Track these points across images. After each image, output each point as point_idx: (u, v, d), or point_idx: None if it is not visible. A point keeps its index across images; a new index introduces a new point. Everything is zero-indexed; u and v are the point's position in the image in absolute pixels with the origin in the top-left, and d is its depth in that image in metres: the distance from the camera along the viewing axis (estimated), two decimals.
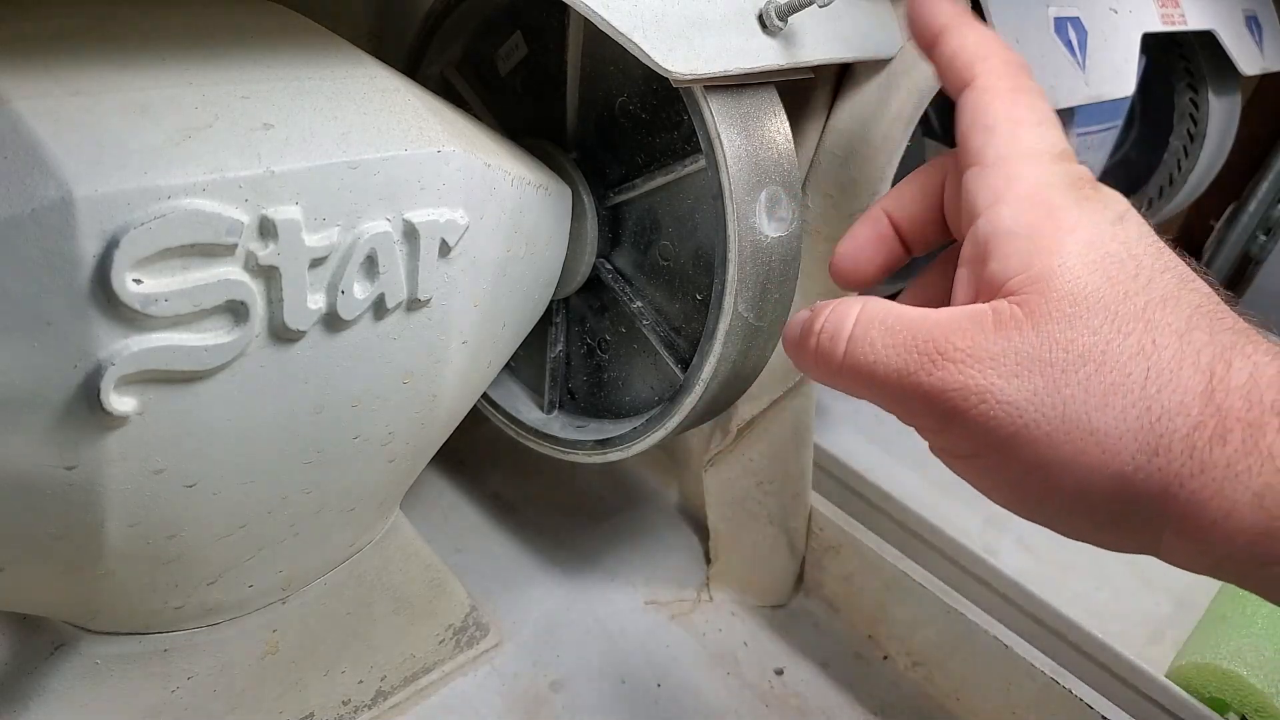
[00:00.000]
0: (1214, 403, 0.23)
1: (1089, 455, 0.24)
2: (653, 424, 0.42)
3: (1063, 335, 0.25)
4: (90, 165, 0.24)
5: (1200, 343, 0.24)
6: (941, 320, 0.27)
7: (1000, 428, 0.25)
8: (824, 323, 0.29)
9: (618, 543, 0.59)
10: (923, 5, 0.33)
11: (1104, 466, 0.24)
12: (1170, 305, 0.25)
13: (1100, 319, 0.25)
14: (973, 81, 0.31)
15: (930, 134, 0.62)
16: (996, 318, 0.26)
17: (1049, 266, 0.26)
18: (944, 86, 0.33)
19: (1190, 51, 0.79)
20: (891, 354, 0.27)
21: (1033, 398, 0.25)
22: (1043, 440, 0.25)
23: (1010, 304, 0.26)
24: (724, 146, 0.35)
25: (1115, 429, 0.24)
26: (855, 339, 0.28)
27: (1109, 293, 0.25)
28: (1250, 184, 1.03)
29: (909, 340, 0.27)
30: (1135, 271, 0.26)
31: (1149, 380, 0.24)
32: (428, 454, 0.41)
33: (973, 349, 0.26)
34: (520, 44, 0.45)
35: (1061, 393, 0.24)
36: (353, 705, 0.45)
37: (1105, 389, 0.24)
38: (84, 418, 0.26)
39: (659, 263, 0.42)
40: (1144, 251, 0.26)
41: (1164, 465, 0.23)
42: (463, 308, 0.35)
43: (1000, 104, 0.30)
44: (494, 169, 0.34)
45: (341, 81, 0.31)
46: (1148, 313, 0.25)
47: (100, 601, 0.34)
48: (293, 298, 0.29)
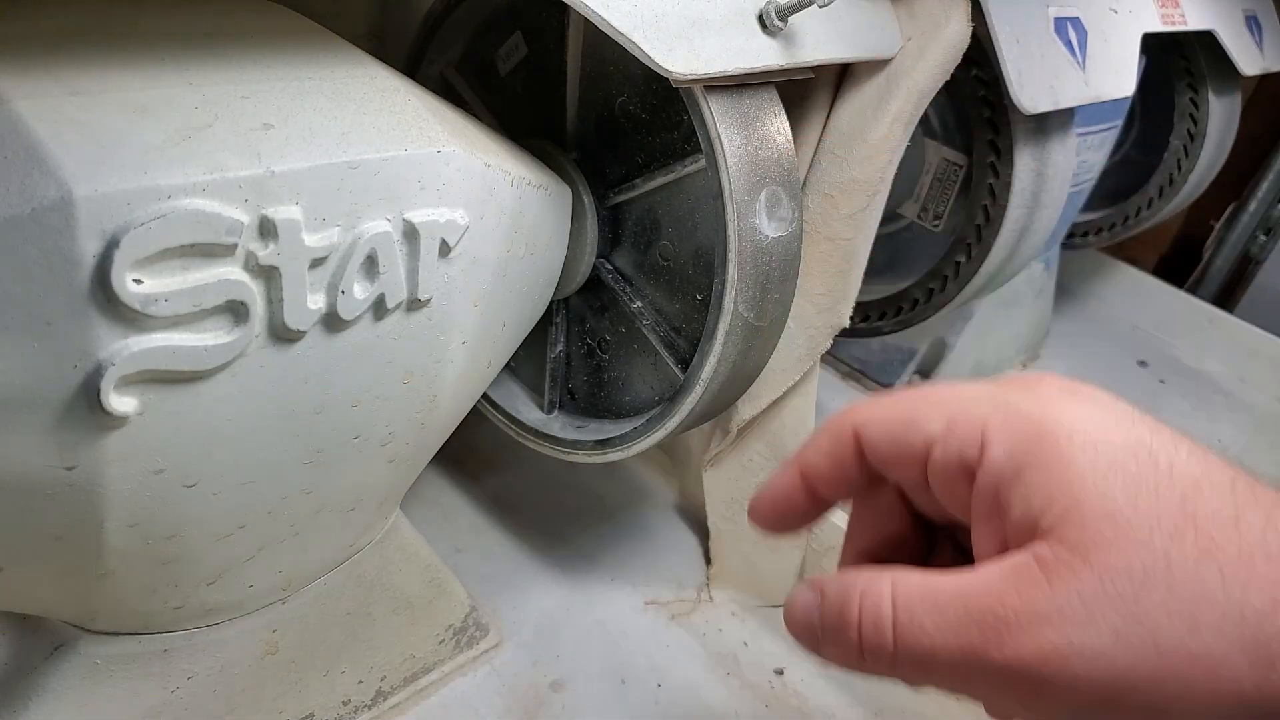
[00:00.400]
0: None
1: (1200, 685, 0.21)
2: (653, 424, 0.42)
3: (1117, 561, 0.22)
4: (90, 165, 0.24)
5: (1258, 525, 0.22)
6: (990, 583, 0.23)
7: (1098, 683, 0.22)
8: (860, 612, 0.25)
9: (618, 543, 0.59)
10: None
11: (1221, 694, 0.21)
12: (1206, 489, 0.23)
13: (1146, 530, 0.22)
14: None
15: (930, 134, 0.62)
16: (1042, 566, 0.23)
17: (1069, 490, 0.23)
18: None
19: (1190, 51, 0.79)
20: (949, 634, 0.23)
21: (1117, 639, 0.22)
22: (1147, 682, 0.22)
23: (1050, 546, 0.23)
24: (724, 146, 0.35)
25: (1217, 648, 0.21)
26: (902, 625, 0.24)
27: (1141, 495, 0.23)
28: (1250, 184, 1.03)
29: (963, 614, 0.23)
30: (1152, 460, 0.23)
31: (1227, 583, 0.21)
32: (428, 454, 0.41)
33: (1035, 606, 0.22)
34: (520, 44, 0.45)
35: (1144, 624, 0.22)
36: (353, 705, 0.45)
37: (1188, 606, 0.21)
38: (84, 418, 0.26)
39: (659, 263, 0.42)
40: (1145, 429, 0.24)
41: None
42: (463, 308, 0.35)
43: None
44: (494, 169, 0.34)
45: (341, 82, 0.31)
46: (1187, 505, 0.22)
47: (100, 601, 0.34)
48: (293, 298, 0.29)
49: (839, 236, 0.46)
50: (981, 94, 0.55)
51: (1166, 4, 0.62)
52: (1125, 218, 0.88)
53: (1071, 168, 0.61)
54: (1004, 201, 0.57)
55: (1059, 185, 0.60)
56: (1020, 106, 0.47)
